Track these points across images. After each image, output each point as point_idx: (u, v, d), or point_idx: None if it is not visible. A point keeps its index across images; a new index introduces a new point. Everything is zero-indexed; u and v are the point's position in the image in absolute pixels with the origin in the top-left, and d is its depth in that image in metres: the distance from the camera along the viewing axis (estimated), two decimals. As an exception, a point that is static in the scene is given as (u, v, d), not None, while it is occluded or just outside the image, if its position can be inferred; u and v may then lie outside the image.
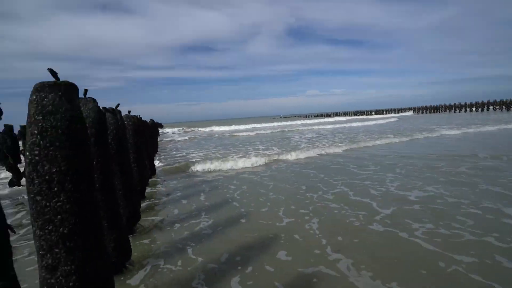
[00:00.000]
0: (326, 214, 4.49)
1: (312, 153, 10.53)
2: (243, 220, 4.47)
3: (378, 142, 12.97)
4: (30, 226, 1.92)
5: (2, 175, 9.85)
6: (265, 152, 12.02)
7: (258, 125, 40.96)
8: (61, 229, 1.89)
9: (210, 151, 14.13)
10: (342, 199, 5.25)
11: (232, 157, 10.45)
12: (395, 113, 72.21)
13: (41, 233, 1.88)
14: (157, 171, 9.02)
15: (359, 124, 31.96)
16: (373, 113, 75.77)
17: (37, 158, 1.85)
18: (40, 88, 1.89)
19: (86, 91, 3.03)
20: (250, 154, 11.72)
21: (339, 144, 12.85)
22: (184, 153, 13.96)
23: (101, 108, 4.01)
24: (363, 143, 12.83)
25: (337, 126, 30.27)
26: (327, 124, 35.99)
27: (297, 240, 3.62)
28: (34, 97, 1.89)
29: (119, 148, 3.99)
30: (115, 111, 4.10)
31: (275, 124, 44.39)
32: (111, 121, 3.95)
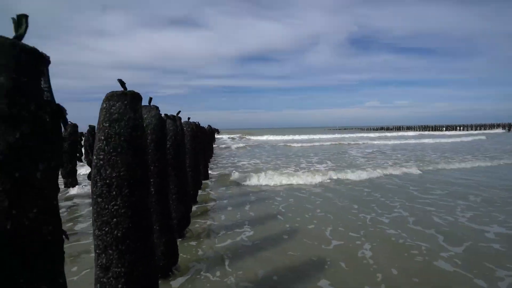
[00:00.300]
0: (380, 241, 4.02)
1: (370, 171, 9.53)
2: (285, 236, 4.27)
3: (452, 165, 11.02)
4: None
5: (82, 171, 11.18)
6: (318, 166, 11.53)
7: (313, 136, 39.45)
8: (115, 231, 1.98)
9: (261, 160, 14.19)
10: (400, 225, 4.67)
11: (283, 169, 10.24)
12: (474, 129, 62.34)
13: (99, 233, 2.00)
14: (209, 176, 9.34)
15: (429, 140, 27.63)
16: (443, 128, 67.33)
17: (101, 162, 1.97)
18: (110, 97, 2.03)
19: (150, 99, 3.23)
20: (302, 166, 11.39)
21: (405, 163, 11.42)
22: (236, 160, 14.25)
23: (163, 114, 4.27)
24: (431, 164, 11.33)
25: (401, 142, 27.24)
26: (389, 139, 32.58)
27: (344, 269, 3.26)
28: (104, 105, 2.03)
29: (176, 153, 4.18)
30: (175, 118, 4.31)
31: (330, 136, 42.31)
32: (171, 127, 4.17)
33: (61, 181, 8.00)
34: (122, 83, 2.08)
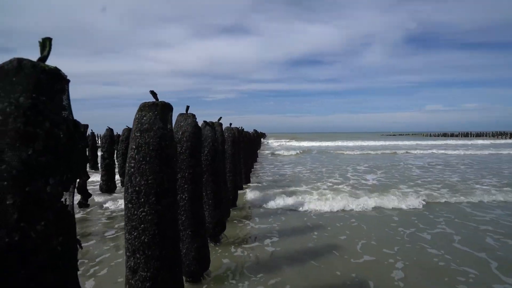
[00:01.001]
0: (417, 260, 3.56)
1: (429, 193, 7.27)
2: (310, 245, 4.07)
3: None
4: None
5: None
6: (366, 178, 10.19)
7: (365, 143, 35.91)
8: (142, 237, 2.06)
9: (306, 167, 13.73)
10: (444, 243, 4.12)
11: (324, 182, 9.20)
12: None
13: (128, 236, 2.09)
14: (251, 181, 9.40)
15: (509, 151, 21.30)
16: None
17: (132, 170, 2.07)
18: (142, 108, 2.13)
19: (187, 107, 3.34)
20: (348, 176, 10.69)
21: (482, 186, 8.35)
22: (277, 168, 13.54)
23: (203, 121, 4.40)
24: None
25: (470, 152, 21.67)
26: (454, 147, 26.55)
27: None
28: (137, 116, 2.14)
29: (213, 159, 4.26)
30: (213, 125, 4.41)
31: (384, 142, 38.06)
32: (209, 133, 4.27)
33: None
34: (154, 94, 2.17)
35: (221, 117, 5.72)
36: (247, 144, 9.28)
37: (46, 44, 1.11)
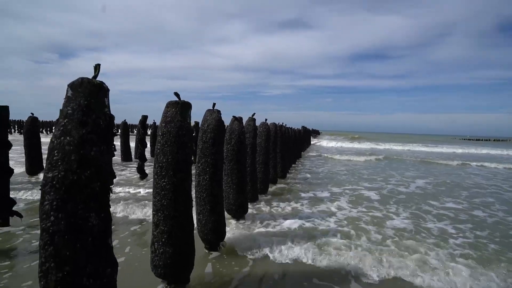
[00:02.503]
0: None
1: None
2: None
3: None
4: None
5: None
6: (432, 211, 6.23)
7: (435, 149, 29.05)
8: (163, 200, 2.80)
9: (345, 187, 8.58)
10: None
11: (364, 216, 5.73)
12: None
13: (153, 200, 2.86)
14: (288, 175, 9.84)
15: None
16: None
17: (158, 150, 2.82)
18: (168, 105, 2.86)
19: (214, 104, 4.02)
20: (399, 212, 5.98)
21: None
22: (310, 175, 10.31)
23: (232, 116, 5.07)
24: None
25: None
26: None
27: None
28: (164, 111, 2.87)
29: (239, 150, 4.90)
30: (241, 120, 5.04)
31: (455, 150, 29.20)
32: (236, 127, 4.92)
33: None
34: (177, 95, 2.87)
35: (254, 113, 6.35)
36: (285, 140, 9.73)
37: (97, 68, 1.86)
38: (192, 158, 3.03)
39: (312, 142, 33.05)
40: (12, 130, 32.54)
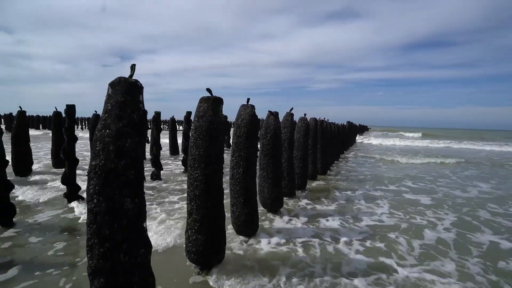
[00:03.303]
0: None
1: None
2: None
3: None
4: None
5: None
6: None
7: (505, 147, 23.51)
8: (195, 191, 2.98)
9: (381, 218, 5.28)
10: None
11: None
12: None
13: (188, 190, 3.06)
14: (329, 172, 9.57)
15: None
16: None
17: (192, 143, 3.00)
18: (200, 101, 3.02)
19: (248, 99, 4.11)
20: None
21: None
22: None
23: (268, 111, 5.11)
24: None
25: None
26: None
27: None
28: (197, 106, 3.04)
29: (274, 144, 4.93)
30: (277, 114, 5.05)
31: None
32: (272, 122, 4.95)
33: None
34: (209, 91, 3.01)
35: (292, 108, 6.30)
36: (325, 135, 9.46)
37: (132, 68, 2.05)
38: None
39: (358, 140, 28.76)
40: (80, 127, 36.88)
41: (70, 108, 5.32)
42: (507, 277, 3.27)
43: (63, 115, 5.72)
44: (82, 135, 21.16)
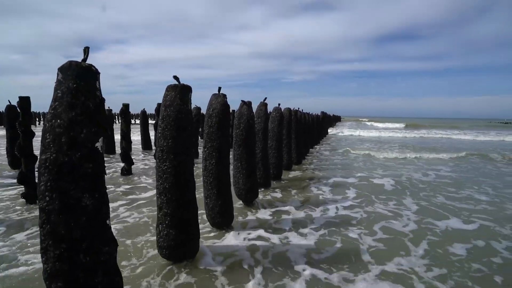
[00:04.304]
0: None
1: None
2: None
3: None
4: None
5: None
6: None
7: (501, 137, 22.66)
8: (165, 184, 2.84)
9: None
10: None
11: None
12: None
13: (157, 183, 2.92)
14: (303, 161, 9.70)
15: None
16: None
17: (159, 134, 2.85)
18: (167, 89, 2.86)
19: (219, 88, 3.98)
20: None
21: None
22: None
23: (241, 100, 5.00)
24: None
25: None
26: None
27: None
28: (164, 95, 2.87)
29: (248, 134, 4.86)
30: (250, 104, 4.96)
31: (489, 137, 23.54)
32: (245, 112, 4.86)
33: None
34: (176, 78, 2.86)
35: (266, 98, 6.25)
36: (300, 126, 9.55)
37: (85, 51, 1.86)
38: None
39: (330, 131, 26.05)
40: (38, 122, 33.96)
41: (24, 101, 4.87)
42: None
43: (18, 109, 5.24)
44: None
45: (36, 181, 5.02)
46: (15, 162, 7.97)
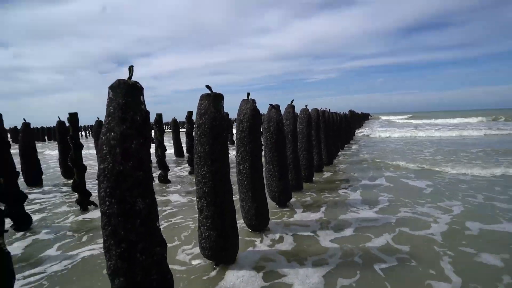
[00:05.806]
0: None
1: None
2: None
3: None
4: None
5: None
6: None
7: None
8: (204, 188, 3.00)
9: None
10: None
11: None
12: None
13: (196, 187, 3.08)
14: (334, 162, 9.54)
15: None
16: None
17: (196, 141, 3.02)
18: (201, 98, 3.03)
19: (248, 94, 4.11)
20: None
21: None
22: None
23: (269, 104, 5.10)
24: None
25: None
26: None
27: None
28: (198, 104, 3.05)
29: (278, 137, 4.93)
30: (278, 107, 5.04)
31: None
32: (274, 115, 4.95)
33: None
34: (209, 87, 3.02)
35: (293, 100, 6.29)
36: (329, 126, 9.42)
37: (130, 69, 2.07)
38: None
39: (357, 132, 22.52)
40: (85, 135, 36.72)
41: (73, 116, 5.37)
42: None
43: (67, 124, 5.78)
44: (87, 143, 21.32)
45: (87, 188, 5.45)
46: (66, 172, 8.75)
